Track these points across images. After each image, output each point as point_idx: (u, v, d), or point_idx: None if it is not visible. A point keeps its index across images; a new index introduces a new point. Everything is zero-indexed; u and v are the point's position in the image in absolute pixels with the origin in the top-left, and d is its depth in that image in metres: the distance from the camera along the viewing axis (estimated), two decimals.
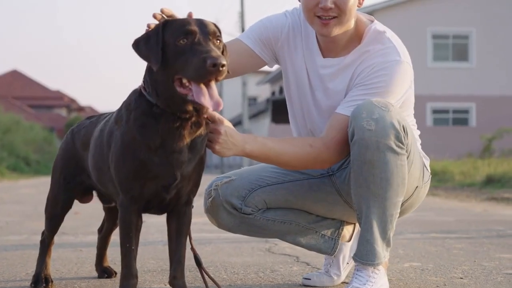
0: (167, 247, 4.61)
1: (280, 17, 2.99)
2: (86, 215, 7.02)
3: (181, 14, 2.57)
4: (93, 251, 4.21)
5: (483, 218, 7.30)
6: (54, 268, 3.58)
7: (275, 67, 3.10)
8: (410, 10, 27.87)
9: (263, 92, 49.15)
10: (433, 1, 28.11)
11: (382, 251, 2.76)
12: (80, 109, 60.57)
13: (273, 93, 43.42)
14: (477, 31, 28.41)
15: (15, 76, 58.64)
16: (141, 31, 2.52)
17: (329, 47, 2.88)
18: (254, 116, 37.75)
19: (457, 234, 5.56)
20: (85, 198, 3.08)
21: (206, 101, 2.36)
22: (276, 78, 41.84)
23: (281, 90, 42.36)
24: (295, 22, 2.96)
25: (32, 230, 5.86)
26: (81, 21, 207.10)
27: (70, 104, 58.58)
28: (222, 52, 2.48)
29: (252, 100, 48.68)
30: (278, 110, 32.66)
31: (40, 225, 6.27)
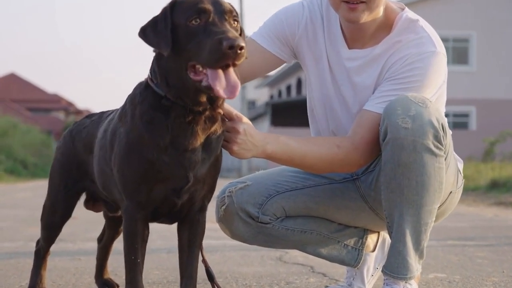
0: (171, 255, 4.41)
1: (297, 7, 2.71)
2: (84, 220, 6.70)
3: None
4: (93, 260, 3.93)
5: (497, 224, 7.08)
6: (50, 279, 3.30)
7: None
8: None
9: (262, 96, 48.99)
10: (433, 4, 27.90)
11: (415, 264, 2.48)
12: (78, 112, 60.28)
13: (271, 97, 43.23)
14: (477, 35, 28.23)
15: (12, 79, 58.41)
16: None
17: (356, 37, 2.60)
18: (253, 119, 37.49)
19: (475, 242, 5.31)
20: (96, 207, 2.79)
21: (219, 85, 2.08)
22: (275, 81, 41.65)
23: (280, 94, 42.19)
24: (313, 12, 2.69)
25: (28, 237, 5.57)
26: (78, 24, 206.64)
27: (68, 107, 58.37)
28: (240, 35, 2.20)
29: (251, 104, 48.45)
30: (278, 114, 32.41)
31: (36, 230, 5.96)
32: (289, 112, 31.77)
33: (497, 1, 28.50)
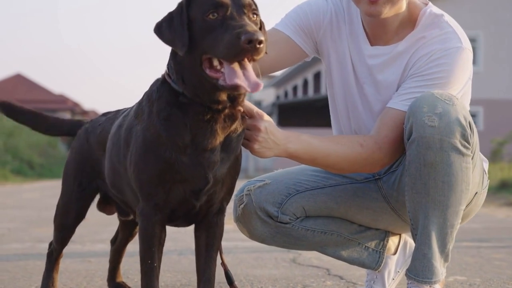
0: (182, 257, 4.33)
1: (320, 1, 2.63)
2: (94, 221, 6.61)
3: None
4: (103, 262, 3.86)
5: (510, 225, 6.99)
6: (60, 282, 3.22)
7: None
8: None
9: (268, 96, 48.89)
10: (440, 4, 27.57)
11: (440, 267, 2.40)
12: (84, 112, 60.23)
13: (278, 97, 43.13)
14: (484, 35, 28.11)
15: (19, 80, 58.37)
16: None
17: (378, 33, 2.51)
18: None
19: (491, 243, 5.22)
20: (108, 208, 2.70)
21: (240, 80, 1.97)
22: (281, 82, 41.56)
23: (286, 94, 42.09)
24: (337, 6, 2.60)
25: (36, 238, 5.49)
26: (83, 24, 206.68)
27: (74, 108, 58.25)
28: (260, 29, 2.11)
29: (257, 104, 48.36)
30: (284, 114, 32.32)
31: (44, 231, 5.94)
32: (295, 113, 31.67)
33: (504, 1, 28.40)
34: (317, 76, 36.14)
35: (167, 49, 2.17)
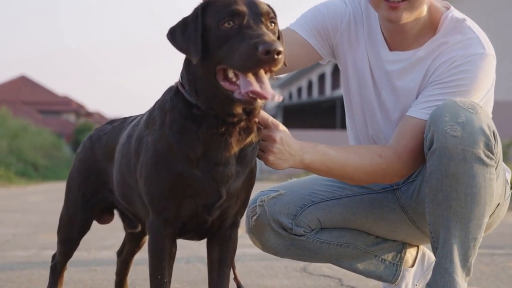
0: (190, 266, 4.23)
1: (339, 3, 2.53)
2: (98, 227, 6.51)
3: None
4: (109, 271, 3.77)
5: None
6: None
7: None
8: None
9: None
10: None
11: (462, 282, 2.31)
12: (89, 114, 60.31)
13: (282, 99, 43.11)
14: (488, 36, 27.98)
15: (23, 81, 58.48)
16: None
17: (397, 39, 2.42)
18: None
19: (504, 250, 5.10)
20: (104, 218, 2.62)
21: (257, 88, 1.86)
22: (286, 83, 41.50)
23: (290, 96, 42.04)
24: (356, 10, 2.51)
25: (41, 245, 5.40)
26: (83, 24, 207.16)
27: (78, 110, 58.33)
28: (278, 38, 2.00)
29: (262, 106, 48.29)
30: (289, 116, 32.26)
31: (49, 237, 5.85)
32: (300, 114, 31.61)
33: (504, 1, 28.33)
34: (321, 78, 36.08)
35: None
